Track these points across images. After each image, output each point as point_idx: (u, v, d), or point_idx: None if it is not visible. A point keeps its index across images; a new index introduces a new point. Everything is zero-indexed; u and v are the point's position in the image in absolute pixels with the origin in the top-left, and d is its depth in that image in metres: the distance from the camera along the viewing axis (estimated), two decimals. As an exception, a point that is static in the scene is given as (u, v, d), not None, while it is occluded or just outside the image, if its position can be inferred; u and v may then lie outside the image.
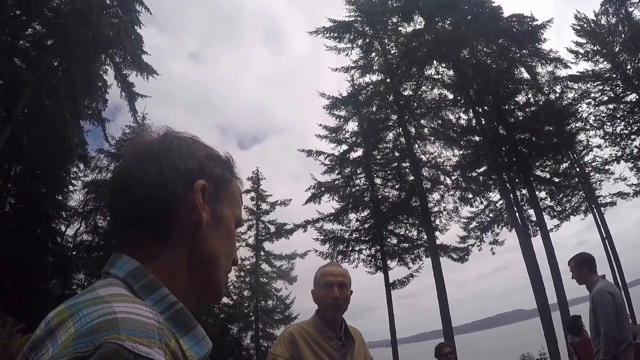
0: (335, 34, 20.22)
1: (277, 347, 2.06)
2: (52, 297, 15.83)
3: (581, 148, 18.23)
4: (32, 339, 0.56)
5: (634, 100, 17.87)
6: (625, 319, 3.99)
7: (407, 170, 19.49)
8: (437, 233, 18.15)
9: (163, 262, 0.67)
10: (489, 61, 18.31)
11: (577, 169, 18.28)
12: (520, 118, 17.87)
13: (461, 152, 18.76)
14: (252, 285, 22.75)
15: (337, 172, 19.77)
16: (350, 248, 18.94)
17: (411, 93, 19.41)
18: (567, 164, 18.32)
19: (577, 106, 18.02)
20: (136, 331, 0.49)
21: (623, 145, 17.70)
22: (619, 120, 18.01)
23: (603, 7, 18.87)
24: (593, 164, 18.14)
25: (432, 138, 19.35)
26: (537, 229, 16.55)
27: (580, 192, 18.17)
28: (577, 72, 18.50)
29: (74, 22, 13.95)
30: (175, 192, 0.68)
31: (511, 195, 16.99)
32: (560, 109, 17.39)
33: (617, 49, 18.51)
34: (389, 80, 19.57)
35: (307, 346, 2.04)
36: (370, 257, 18.75)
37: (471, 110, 18.05)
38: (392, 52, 20.13)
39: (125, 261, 0.65)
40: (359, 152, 20.04)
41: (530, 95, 17.96)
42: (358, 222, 19.17)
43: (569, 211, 17.99)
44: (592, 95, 18.32)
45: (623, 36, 18.29)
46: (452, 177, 19.07)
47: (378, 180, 19.95)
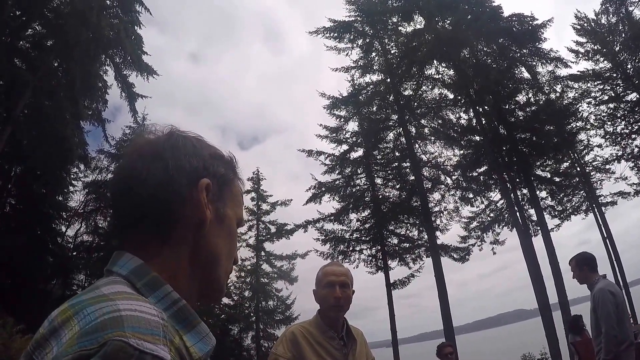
0: (336, 34, 20.23)
1: (279, 347, 2.06)
2: (52, 298, 15.81)
3: (582, 147, 18.25)
4: (36, 338, 0.56)
5: (634, 99, 17.88)
6: (627, 318, 3.99)
7: (408, 170, 19.50)
8: (437, 233, 18.20)
9: (165, 260, 0.67)
10: (489, 61, 18.31)
11: (578, 169, 18.29)
12: (521, 117, 17.88)
13: (462, 151, 18.78)
14: (253, 286, 22.76)
15: (337, 172, 19.78)
16: (350, 248, 18.94)
17: (411, 93, 19.42)
18: (567, 164, 18.32)
19: (578, 105, 18.05)
20: (141, 328, 0.49)
21: (624, 144, 17.71)
22: (619, 120, 18.02)
23: (603, 7, 18.87)
24: (594, 163, 18.17)
25: (433, 138, 19.37)
26: (538, 228, 16.56)
27: (581, 192, 18.18)
28: (578, 71, 18.56)
29: (74, 22, 13.94)
30: (180, 191, 0.68)
31: (512, 194, 17.00)
32: (561, 109, 17.40)
33: (617, 48, 18.51)
34: (389, 80, 19.57)
35: (309, 346, 2.03)
36: (370, 257, 18.76)
37: (471, 110, 18.06)
38: (392, 52, 20.14)
39: (127, 259, 0.65)
40: (360, 152, 20.07)
41: (530, 95, 17.98)
42: (359, 222, 19.19)
43: (570, 211, 17.99)
44: (593, 94, 18.34)
45: (623, 35, 18.29)
46: (453, 177, 19.10)
47: (378, 180, 19.96)
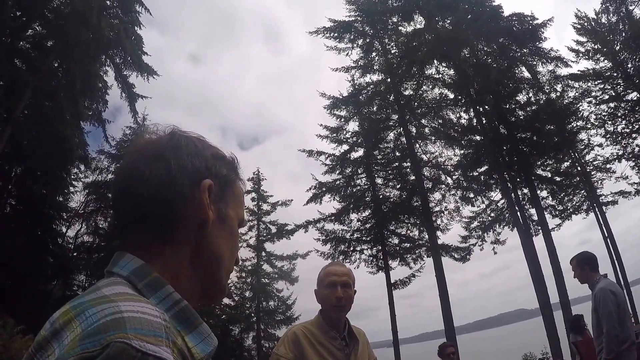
0: (336, 34, 20.24)
1: (280, 347, 2.06)
2: (52, 299, 15.83)
3: (582, 147, 18.24)
4: (37, 340, 0.56)
5: (634, 98, 17.85)
6: (628, 317, 3.98)
7: (408, 170, 19.50)
8: (438, 233, 18.22)
9: (167, 261, 0.66)
10: (490, 60, 18.33)
11: (579, 168, 18.27)
12: (521, 117, 17.89)
13: (462, 151, 18.80)
14: (254, 286, 22.75)
15: (338, 172, 19.79)
16: (351, 248, 18.93)
17: (412, 93, 19.43)
18: (568, 163, 18.33)
19: (578, 105, 18.05)
20: (143, 330, 0.49)
21: (624, 143, 17.69)
22: (620, 119, 18.00)
23: (603, 6, 18.84)
24: (594, 162, 18.15)
25: (433, 137, 19.39)
26: (539, 228, 16.57)
27: (582, 191, 18.17)
28: (578, 70, 18.53)
29: (74, 23, 13.95)
30: (182, 191, 0.68)
31: (512, 194, 17.00)
32: (561, 108, 17.41)
33: (617, 48, 18.48)
34: (389, 80, 19.58)
35: (310, 346, 2.03)
36: (371, 257, 18.76)
37: (472, 110, 18.07)
38: (392, 51, 20.15)
39: (128, 260, 0.65)
40: (360, 152, 20.08)
41: (531, 94, 17.99)
42: (359, 222, 19.19)
43: (571, 210, 17.99)
44: (593, 94, 18.31)
45: (624, 34, 18.27)
46: (453, 177, 19.11)
47: (379, 180, 19.95)
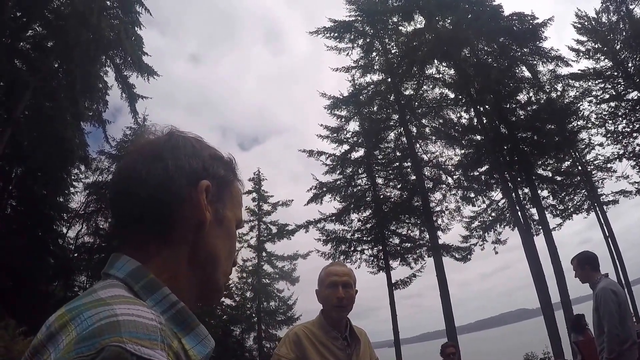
0: (336, 34, 20.27)
1: (282, 348, 2.05)
2: (53, 300, 15.83)
3: (583, 146, 18.24)
4: (34, 344, 0.56)
5: (635, 98, 17.85)
6: (629, 317, 3.98)
7: (409, 169, 19.52)
8: (439, 233, 18.26)
9: (164, 261, 0.66)
10: (490, 60, 18.34)
11: (579, 168, 18.27)
12: (522, 117, 17.89)
13: (463, 151, 18.80)
14: (255, 287, 22.77)
15: (338, 172, 19.81)
16: (352, 248, 18.95)
17: (412, 92, 19.45)
18: (569, 163, 18.32)
19: (579, 104, 18.05)
20: (138, 333, 0.49)
21: (625, 143, 17.68)
22: (620, 118, 17.99)
23: (604, 5, 18.86)
24: (595, 162, 18.15)
25: (434, 137, 19.42)
26: (540, 227, 16.56)
27: (583, 191, 18.16)
28: (579, 70, 18.54)
29: (74, 23, 13.98)
30: (179, 192, 0.68)
31: (513, 194, 17.01)
32: (562, 107, 17.42)
33: (618, 47, 18.48)
34: (389, 79, 19.59)
35: (312, 346, 2.02)
36: (372, 257, 18.76)
37: (472, 109, 18.09)
38: (392, 51, 20.18)
39: (124, 262, 0.65)
40: (361, 152, 20.10)
41: (531, 94, 18.00)
42: (360, 222, 19.21)
43: (572, 210, 17.98)
44: (594, 93, 18.31)
45: (624, 34, 18.27)
46: (454, 177, 19.13)
47: (380, 180, 19.97)
